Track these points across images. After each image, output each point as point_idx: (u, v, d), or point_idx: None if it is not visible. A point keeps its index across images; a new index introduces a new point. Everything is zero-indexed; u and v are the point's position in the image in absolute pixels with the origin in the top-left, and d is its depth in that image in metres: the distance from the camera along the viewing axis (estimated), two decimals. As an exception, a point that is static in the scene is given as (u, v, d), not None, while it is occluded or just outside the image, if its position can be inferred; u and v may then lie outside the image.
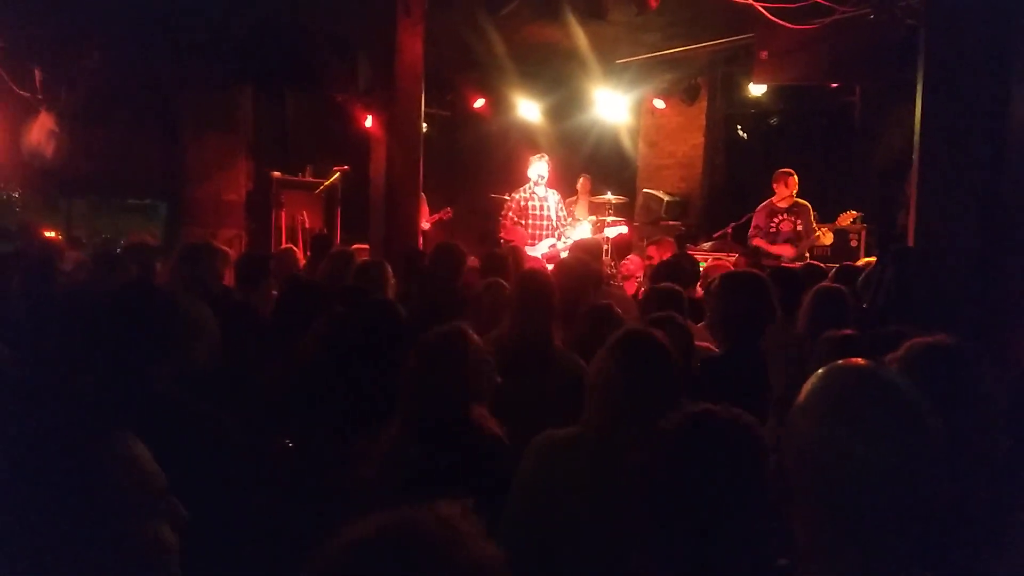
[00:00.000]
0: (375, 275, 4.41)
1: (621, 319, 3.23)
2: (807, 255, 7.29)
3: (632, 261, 7.39)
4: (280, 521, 2.26)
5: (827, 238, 7.33)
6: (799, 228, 7.38)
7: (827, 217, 7.84)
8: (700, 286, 5.43)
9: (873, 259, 6.72)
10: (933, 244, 4.42)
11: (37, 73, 7.99)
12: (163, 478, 1.29)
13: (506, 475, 2.19)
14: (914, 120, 4.60)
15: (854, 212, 7.51)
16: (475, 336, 2.51)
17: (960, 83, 4.13)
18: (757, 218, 7.57)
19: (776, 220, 7.42)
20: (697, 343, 3.33)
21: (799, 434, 1.20)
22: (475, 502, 1.03)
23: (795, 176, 7.46)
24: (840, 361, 1.29)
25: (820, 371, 1.25)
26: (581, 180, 9.52)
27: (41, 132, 8.08)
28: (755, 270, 4.89)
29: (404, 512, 0.98)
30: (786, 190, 7.41)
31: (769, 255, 7.21)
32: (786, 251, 7.23)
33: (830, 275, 5.21)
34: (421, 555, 0.94)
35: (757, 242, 7.41)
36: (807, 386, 1.24)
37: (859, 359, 1.29)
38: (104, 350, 2.14)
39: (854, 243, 8.08)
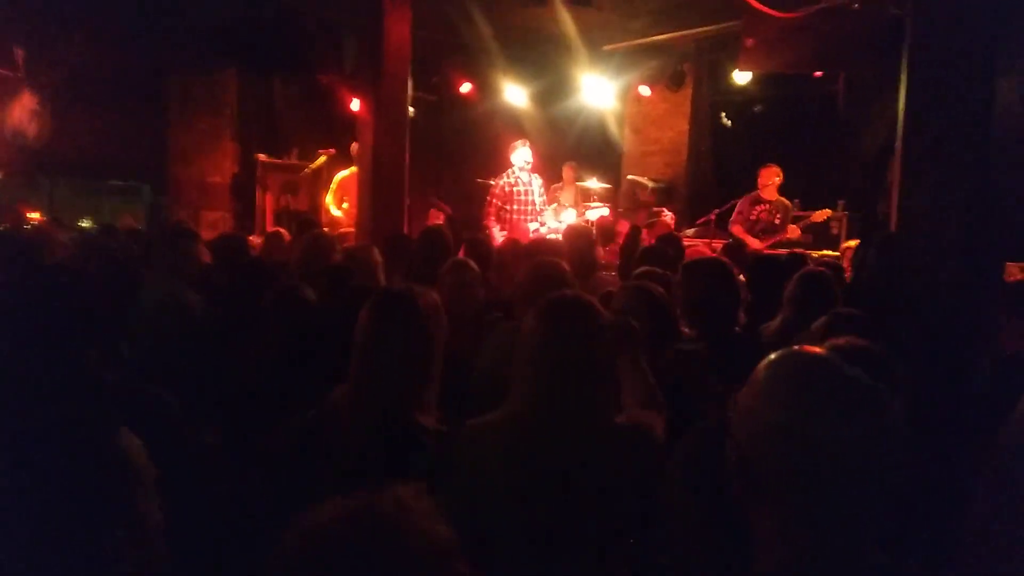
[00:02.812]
0: (362, 260, 4.40)
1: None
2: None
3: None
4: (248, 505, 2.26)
5: (794, 233, 7.49)
6: (776, 222, 7.55)
7: (810, 205, 7.95)
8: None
9: (853, 243, 6.91)
10: (916, 231, 4.47)
11: (19, 52, 7.88)
12: (153, 469, 1.33)
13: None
14: (897, 109, 4.65)
15: (829, 211, 7.69)
16: (433, 297, 2.35)
17: (944, 72, 4.18)
18: (741, 205, 7.74)
19: (757, 209, 7.59)
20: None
21: (756, 420, 1.21)
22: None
23: (774, 167, 7.61)
24: (794, 348, 1.30)
25: (773, 357, 1.26)
26: (566, 168, 9.54)
27: (23, 112, 7.98)
28: (719, 256, 4.94)
29: (360, 496, 1.01)
30: (767, 181, 7.59)
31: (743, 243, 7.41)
32: (754, 243, 7.41)
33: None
34: (377, 537, 0.96)
35: (736, 228, 7.61)
36: (761, 372, 1.24)
37: (813, 347, 1.32)
38: (39, 335, 2.16)
39: (835, 231, 8.19)
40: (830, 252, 7.42)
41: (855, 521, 1.16)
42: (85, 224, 7.95)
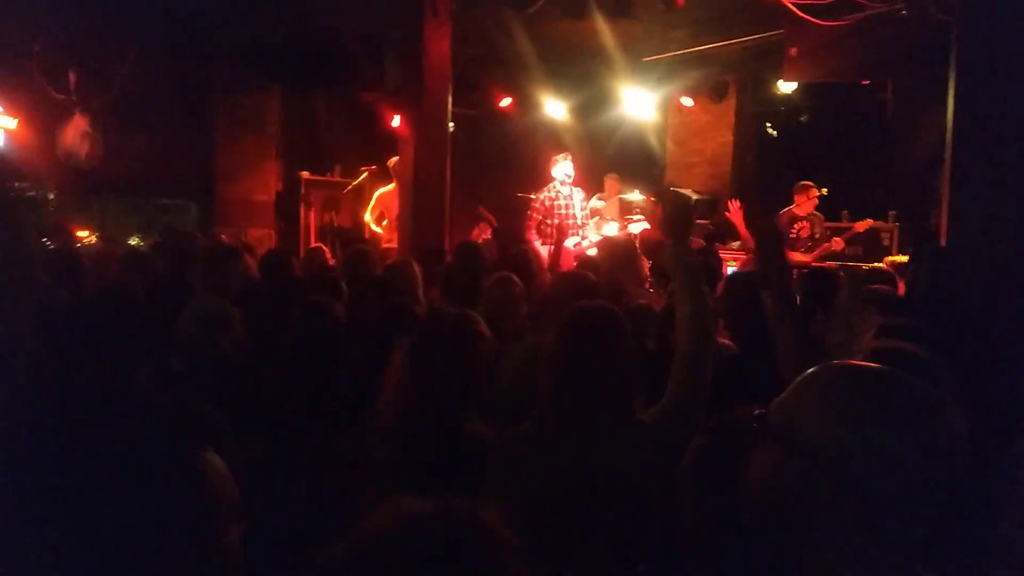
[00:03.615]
0: (402, 275, 4.42)
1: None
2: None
3: None
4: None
5: (838, 245, 7.47)
6: (816, 235, 7.61)
7: (858, 217, 7.82)
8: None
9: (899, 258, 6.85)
10: (967, 242, 4.34)
11: (71, 75, 8.12)
12: (236, 490, 1.35)
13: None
14: (946, 117, 4.53)
15: (870, 220, 7.61)
16: (484, 325, 2.42)
17: (993, 80, 4.06)
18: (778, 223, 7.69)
19: (796, 227, 7.61)
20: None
21: (822, 434, 1.17)
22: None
23: (815, 188, 7.66)
24: (855, 362, 1.28)
25: (823, 371, 1.24)
26: (608, 179, 9.47)
27: (75, 134, 8.21)
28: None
29: (435, 501, 1.00)
30: (806, 200, 7.62)
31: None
32: (800, 258, 7.42)
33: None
34: (458, 539, 0.96)
35: None
36: (827, 386, 1.22)
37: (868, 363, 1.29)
38: (85, 352, 2.21)
39: (886, 242, 8.02)
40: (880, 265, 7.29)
41: (915, 536, 1.15)
42: (134, 242, 8.11)
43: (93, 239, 7.28)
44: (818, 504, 1.18)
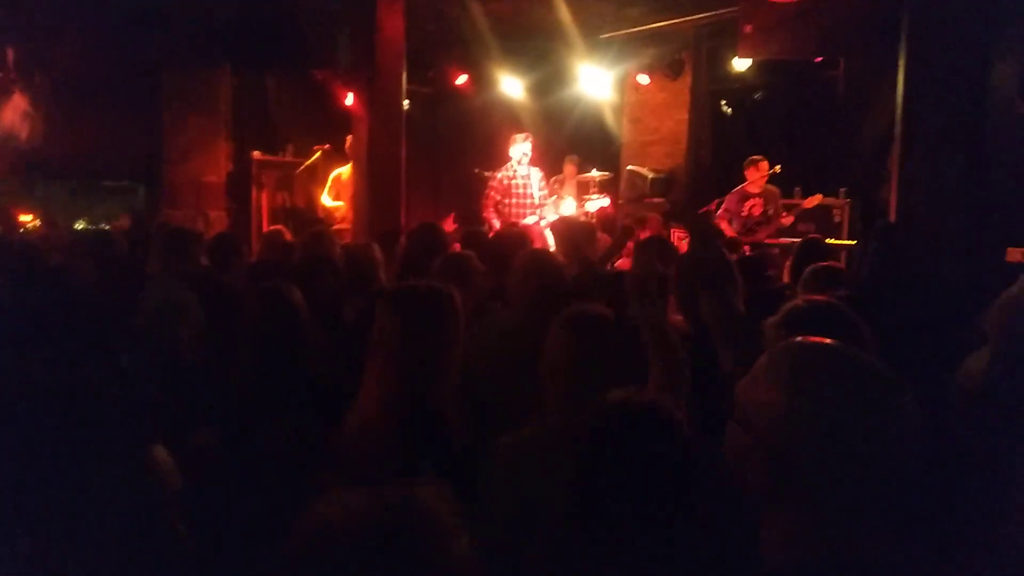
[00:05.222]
0: (363, 257, 4.37)
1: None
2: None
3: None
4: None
5: (787, 220, 7.54)
6: (769, 212, 7.58)
7: (811, 193, 7.92)
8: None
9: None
10: (916, 218, 4.42)
11: (10, 53, 7.83)
12: (178, 478, 1.37)
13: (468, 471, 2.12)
14: (896, 95, 4.59)
15: (820, 196, 7.67)
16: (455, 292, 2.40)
17: (942, 57, 4.12)
18: (728, 202, 7.74)
19: (748, 204, 7.59)
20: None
21: (782, 413, 1.19)
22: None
23: (766, 161, 7.61)
24: (800, 339, 1.30)
25: (780, 347, 1.27)
26: (567, 163, 9.46)
27: (15, 114, 7.94)
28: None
29: (390, 494, 0.99)
30: (757, 174, 7.57)
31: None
32: (750, 238, 7.47)
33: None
34: (407, 545, 0.94)
35: (725, 226, 7.60)
36: (770, 363, 1.24)
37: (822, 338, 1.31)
38: (39, 341, 2.17)
39: (837, 218, 8.14)
40: (834, 240, 7.40)
41: (874, 513, 1.16)
42: (80, 226, 7.90)
43: (37, 223, 7.08)
44: (771, 480, 1.20)
